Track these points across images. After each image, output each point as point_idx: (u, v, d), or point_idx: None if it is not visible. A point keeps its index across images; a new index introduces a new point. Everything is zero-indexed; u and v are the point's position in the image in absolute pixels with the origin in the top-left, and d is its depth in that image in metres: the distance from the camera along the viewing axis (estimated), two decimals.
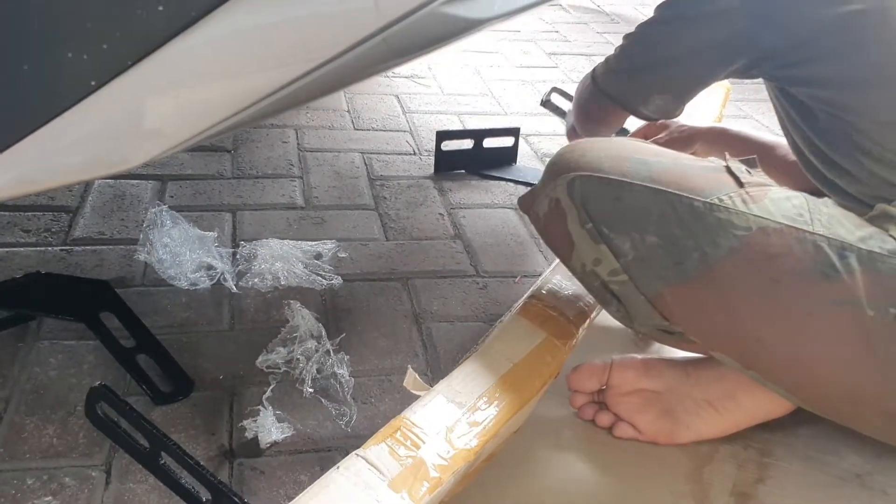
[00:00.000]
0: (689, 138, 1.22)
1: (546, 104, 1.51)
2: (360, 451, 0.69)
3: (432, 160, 1.53)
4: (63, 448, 0.84)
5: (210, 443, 0.87)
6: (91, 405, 0.74)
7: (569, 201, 0.84)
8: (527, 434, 0.87)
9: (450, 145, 1.52)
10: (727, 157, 0.84)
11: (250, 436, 0.87)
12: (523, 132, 1.65)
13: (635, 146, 0.88)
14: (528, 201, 0.92)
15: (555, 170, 0.87)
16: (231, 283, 1.12)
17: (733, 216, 0.78)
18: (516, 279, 1.22)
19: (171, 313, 1.06)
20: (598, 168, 0.83)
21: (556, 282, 0.99)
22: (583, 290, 0.93)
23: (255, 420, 0.88)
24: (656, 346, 1.03)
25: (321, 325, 1.03)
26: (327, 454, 0.87)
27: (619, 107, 1.09)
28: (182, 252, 1.13)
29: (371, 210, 1.38)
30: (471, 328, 1.10)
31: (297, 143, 1.59)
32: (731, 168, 0.82)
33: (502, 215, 1.41)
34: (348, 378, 0.96)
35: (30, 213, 1.24)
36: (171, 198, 1.34)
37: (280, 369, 0.98)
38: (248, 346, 1.01)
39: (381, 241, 1.29)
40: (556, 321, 0.91)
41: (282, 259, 1.16)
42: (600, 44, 2.43)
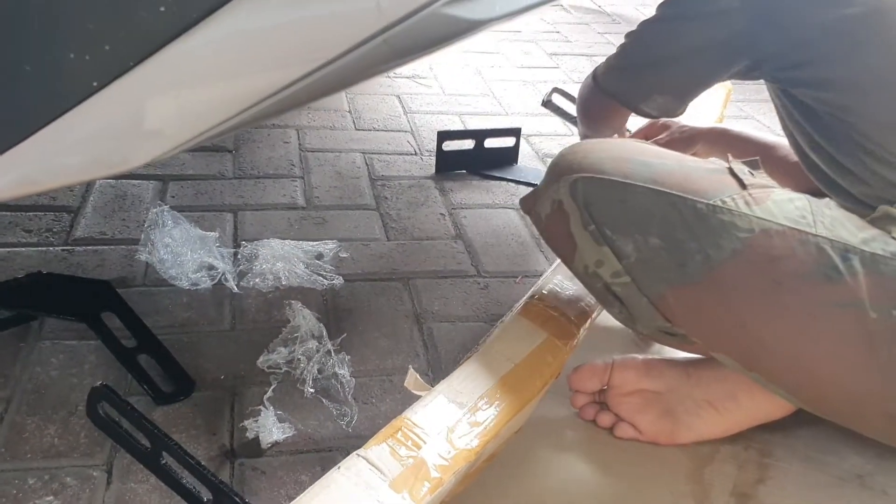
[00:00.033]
0: (691, 139, 1.22)
1: (547, 104, 1.51)
2: (361, 451, 0.69)
3: (433, 160, 1.53)
4: (64, 448, 0.84)
5: (211, 443, 0.87)
6: (92, 405, 0.74)
7: (571, 203, 0.84)
8: (528, 434, 0.87)
9: (451, 145, 1.52)
10: (730, 158, 0.84)
11: (251, 436, 0.87)
12: (524, 132, 1.65)
13: (638, 147, 0.88)
14: (529, 202, 0.92)
15: (557, 171, 0.87)
16: (232, 283, 1.12)
17: (736, 218, 0.78)
18: (517, 279, 1.22)
19: (172, 313, 1.07)
20: (600, 170, 0.83)
21: (558, 282, 0.99)
22: (584, 290, 0.93)
23: (257, 420, 0.88)
24: (657, 347, 1.03)
25: (322, 325, 1.03)
26: (328, 454, 0.87)
27: (620, 104, 1.08)
28: (183, 252, 1.13)
29: (372, 210, 1.38)
30: (472, 328, 1.10)
31: (299, 144, 1.59)
32: (734, 170, 0.82)
33: (503, 215, 1.41)
34: (349, 378, 0.96)
35: (31, 214, 1.25)
36: (173, 198, 1.34)
37: (281, 369, 0.98)
38: (250, 346, 1.01)
39: (383, 241, 1.29)
40: (558, 321, 0.91)
41: (283, 259, 1.16)
42: (601, 44, 2.43)
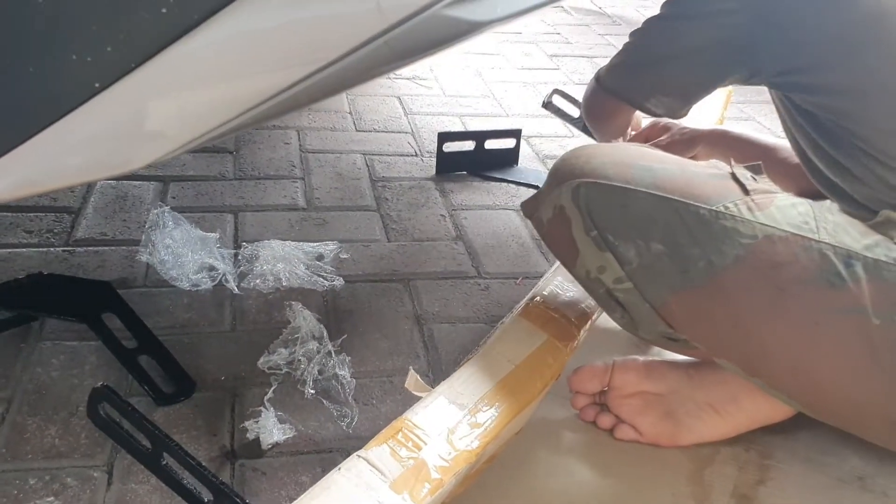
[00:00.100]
0: (691, 141, 1.22)
1: (548, 106, 1.51)
2: (361, 452, 0.69)
3: (434, 161, 1.54)
4: (65, 448, 0.84)
5: (212, 443, 0.87)
6: (93, 406, 0.74)
7: (573, 208, 0.84)
8: (528, 435, 0.87)
9: (451, 147, 1.52)
10: (732, 163, 0.84)
11: (252, 437, 0.87)
12: (525, 134, 1.65)
13: (640, 152, 0.87)
14: (531, 207, 0.91)
15: (559, 176, 0.87)
16: (233, 284, 1.12)
17: (739, 224, 0.78)
18: (518, 281, 1.23)
19: (172, 314, 1.07)
20: (603, 175, 0.83)
21: (558, 283, 0.99)
22: (584, 291, 0.93)
23: (257, 421, 0.88)
24: (658, 348, 1.03)
25: (323, 326, 1.03)
26: (329, 455, 0.87)
27: (623, 101, 1.08)
28: (184, 253, 1.13)
29: (373, 211, 1.38)
30: (472, 329, 1.10)
31: (299, 145, 1.59)
32: (737, 175, 0.82)
33: (504, 217, 1.41)
34: (350, 379, 0.96)
35: (32, 214, 1.25)
36: (174, 199, 1.35)
37: (281, 370, 0.98)
38: (250, 347, 1.01)
39: (383, 242, 1.29)
40: (558, 323, 0.91)
41: (283, 260, 1.17)
42: (602, 45, 2.43)
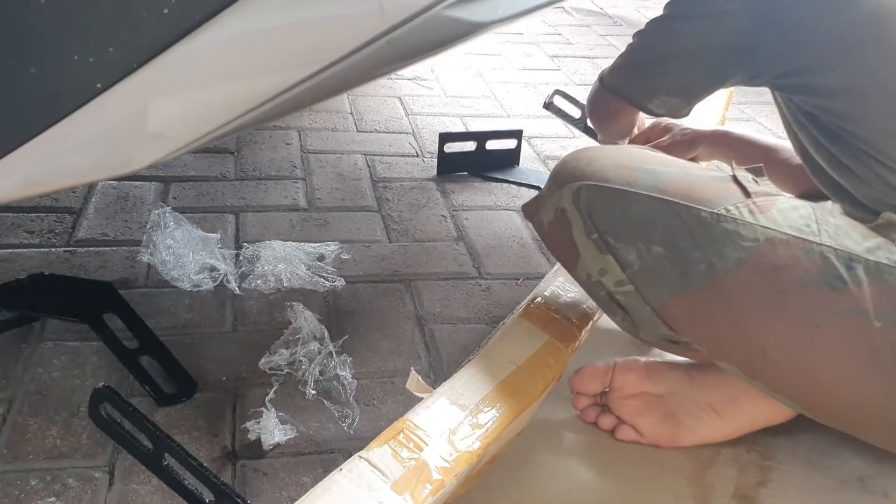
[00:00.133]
0: (692, 141, 1.22)
1: (549, 107, 1.51)
2: (362, 452, 0.69)
3: (435, 162, 1.54)
4: (66, 449, 0.84)
5: (213, 444, 0.87)
6: (94, 406, 0.74)
7: (574, 211, 0.84)
8: (529, 436, 0.87)
9: (452, 147, 1.52)
10: (733, 165, 0.84)
11: (253, 437, 0.87)
12: (526, 134, 1.65)
13: (642, 155, 0.87)
14: (532, 209, 0.91)
15: (560, 178, 0.86)
16: (234, 285, 1.12)
17: (740, 227, 0.78)
18: (519, 281, 1.23)
19: (174, 315, 1.07)
20: (604, 177, 0.82)
21: (559, 284, 0.99)
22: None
23: (258, 422, 0.88)
24: (659, 349, 1.03)
25: (324, 326, 1.02)
26: (330, 456, 0.87)
27: (626, 102, 1.08)
28: (185, 253, 1.13)
29: (374, 212, 1.38)
30: (473, 330, 1.10)
31: (300, 145, 1.59)
32: (738, 177, 0.82)
33: (505, 217, 1.41)
34: (351, 380, 0.96)
35: (33, 215, 1.25)
36: (175, 199, 1.35)
37: (283, 371, 0.98)
38: (251, 348, 1.01)
39: (384, 242, 1.29)
40: (559, 323, 0.91)
41: (285, 261, 1.17)
42: (602, 46, 2.43)
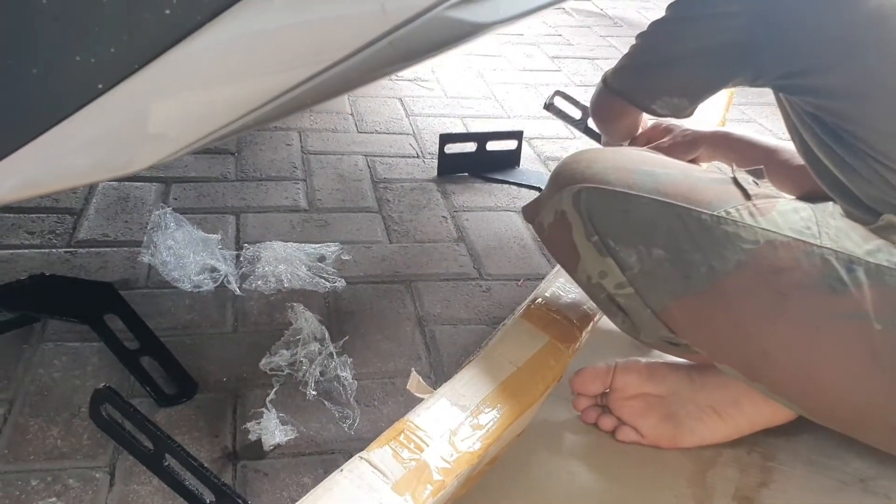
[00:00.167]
0: (693, 142, 1.21)
1: (549, 108, 1.51)
2: (363, 453, 0.69)
3: (435, 163, 1.54)
4: (67, 449, 0.84)
5: (213, 445, 0.87)
6: (95, 407, 0.74)
7: (575, 213, 0.84)
8: (530, 437, 0.87)
9: (453, 148, 1.53)
10: (734, 168, 0.84)
11: (254, 438, 0.87)
12: (526, 135, 1.65)
13: (642, 157, 0.87)
14: (532, 211, 0.91)
15: (560, 180, 0.86)
16: (234, 286, 1.12)
17: (741, 229, 0.78)
18: (519, 282, 1.23)
19: (174, 315, 1.07)
20: (604, 180, 0.82)
21: (560, 285, 0.99)
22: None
23: (259, 422, 0.88)
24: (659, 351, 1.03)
25: (324, 327, 1.03)
26: (330, 457, 0.87)
27: (628, 103, 1.08)
28: (186, 254, 1.14)
29: (374, 213, 1.38)
30: (474, 331, 1.10)
31: (301, 146, 1.60)
32: (739, 179, 0.82)
33: (505, 218, 1.41)
34: (351, 381, 0.96)
35: (34, 216, 1.25)
36: (175, 200, 1.35)
37: (283, 372, 0.98)
38: (252, 349, 1.01)
39: (385, 243, 1.29)
40: (560, 324, 0.91)
41: (285, 261, 1.17)
42: (603, 47, 2.43)
